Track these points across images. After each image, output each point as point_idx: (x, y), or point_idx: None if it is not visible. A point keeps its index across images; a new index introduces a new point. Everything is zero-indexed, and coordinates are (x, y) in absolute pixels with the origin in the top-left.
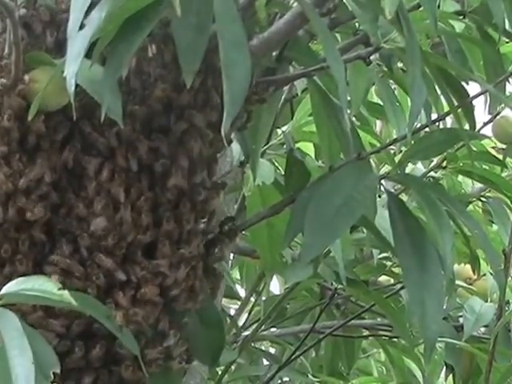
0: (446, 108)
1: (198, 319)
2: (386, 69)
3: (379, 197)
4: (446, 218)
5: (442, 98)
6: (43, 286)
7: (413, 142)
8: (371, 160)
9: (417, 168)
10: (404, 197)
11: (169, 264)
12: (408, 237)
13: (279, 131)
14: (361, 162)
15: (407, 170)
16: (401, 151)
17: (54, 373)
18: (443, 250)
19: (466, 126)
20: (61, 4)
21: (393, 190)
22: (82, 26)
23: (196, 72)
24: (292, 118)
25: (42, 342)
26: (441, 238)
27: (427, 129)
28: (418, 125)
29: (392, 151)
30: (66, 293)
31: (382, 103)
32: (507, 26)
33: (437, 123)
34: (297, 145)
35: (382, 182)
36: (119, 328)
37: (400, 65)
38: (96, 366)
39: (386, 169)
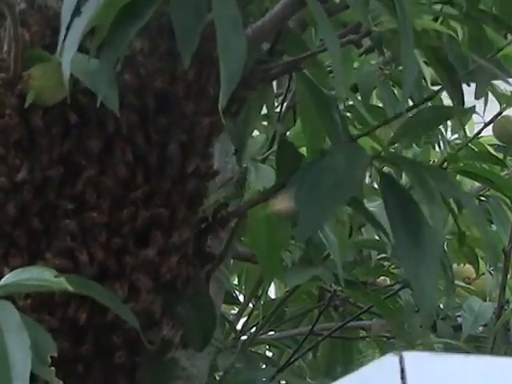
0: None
1: (190, 306)
2: (388, 71)
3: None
4: (437, 196)
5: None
6: (40, 275)
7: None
8: None
9: None
10: None
11: (160, 252)
12: (400, 213)
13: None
14: (352, 143)
15: None
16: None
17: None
18: (435, 227)
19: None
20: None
21: None
22: (77, 15)
23: (193, 52)
24: (294, 125)
25: (40, 329)
26: (432, 216)
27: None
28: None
29: None
30: (62, 279)
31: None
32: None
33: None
34: None
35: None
36: (117, 303)
37: (400, 68)
38: (89, 356)
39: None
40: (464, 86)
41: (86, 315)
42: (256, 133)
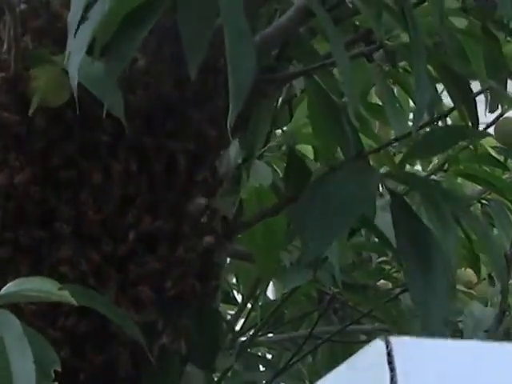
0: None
1: (195, 322)
2: (387, 68)
3: (380, 195)
4: (450, 218)
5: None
6: (43, 287)
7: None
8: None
9: (417, 171)
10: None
11: (166, 263)
12: (411, 237)
13: (277, 133)
14: (361, 161)
15: None
16: (401, 152)
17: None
18: (447, 251)
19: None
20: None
21: None
22: (84, 20)
23: (200, 64)
24: (291, 120)
25: (42, 341)
26: (444, 239)
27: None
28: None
29: (392, 152)
30: (66, 293)
31: (381, 104)
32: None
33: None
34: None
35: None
36: (120, 316)
37: (401, 64)
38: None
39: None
40: None
41: (89, 325)
42: None
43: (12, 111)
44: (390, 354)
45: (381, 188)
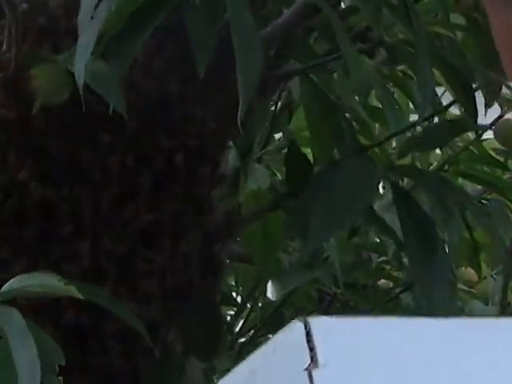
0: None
1: (195, 315)
2: (387, 71)
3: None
4: (452, 206)
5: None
6: (48, 282)
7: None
8: None
9: None
10: None
11: (168, 257)
12: (415, 229)
13: (276, 137)
14: (363, 155)
15: None
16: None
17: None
18: (449, 239)
19: None
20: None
21: None
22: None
23: (208, 62)
24: (289, 123)
25: (46, 336)
26: (448, 234)
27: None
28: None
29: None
30: (72, 287)
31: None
32: None
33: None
34: None
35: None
36: (123, 309)
37: (400, 68)
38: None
39: None
40: None
41: (87, 320)
42: None
43: (12, 110)
44: (308, 334)
45: (381, 189)
